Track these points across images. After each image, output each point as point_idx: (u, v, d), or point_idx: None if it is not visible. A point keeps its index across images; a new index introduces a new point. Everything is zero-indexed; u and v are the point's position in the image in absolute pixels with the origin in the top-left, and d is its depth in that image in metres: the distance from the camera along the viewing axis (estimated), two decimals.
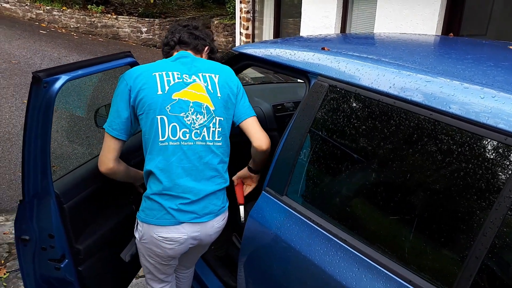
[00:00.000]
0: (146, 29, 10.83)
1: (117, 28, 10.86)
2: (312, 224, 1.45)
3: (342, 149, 1.49)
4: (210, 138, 1.66)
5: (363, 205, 1.43)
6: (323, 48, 1.69)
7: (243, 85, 1.85)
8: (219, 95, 1.69)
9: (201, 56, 1.83)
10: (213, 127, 1.67)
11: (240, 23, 8.91)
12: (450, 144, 1.15)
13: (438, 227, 1.16)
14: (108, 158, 1.66)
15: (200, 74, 1.69)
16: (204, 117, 1.65)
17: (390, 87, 1.32)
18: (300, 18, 6.67)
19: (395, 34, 2.29)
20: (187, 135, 1.62)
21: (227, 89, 1.72)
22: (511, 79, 1.23)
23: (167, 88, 1.62)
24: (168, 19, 11.28)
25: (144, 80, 1.61)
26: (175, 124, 1.61)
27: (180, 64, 1.70)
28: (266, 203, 1.64)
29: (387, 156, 1.34)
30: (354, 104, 1.45)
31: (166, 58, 1.80)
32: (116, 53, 1.68)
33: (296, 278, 1.46)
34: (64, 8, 11.09)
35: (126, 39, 10.86)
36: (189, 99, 1.63)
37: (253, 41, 8.74)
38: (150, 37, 10.87)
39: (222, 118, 1.70)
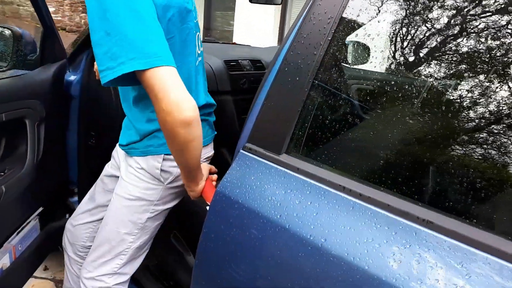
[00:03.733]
0: (54, 9, 9.44)
1: (17, 5, 9.35)
2: (341, 193, 0.78)
3: (386, 72, 0.86)
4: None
5: (419, 158, 0.80)
6: None
7: None
8: None
9: None
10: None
11: None
12: None
13: None
14: (188, 93, 0.90)
15: None
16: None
17: None
18: None
19: None
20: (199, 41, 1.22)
21: None
22: None
23: None
24: (82, 0, 10.00)
25: None
26: (197, 32, 1.18)
27: None
28: (249, 168, 0.94)
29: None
30: None
31: None
32: None
33: (313, 276, 0.78)
34: None
35: (29, 19, 9.36)
36: None
37: None
38: (59, 18, 9.48)
39: None
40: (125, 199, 1.17)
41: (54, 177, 1.58)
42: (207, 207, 1.08)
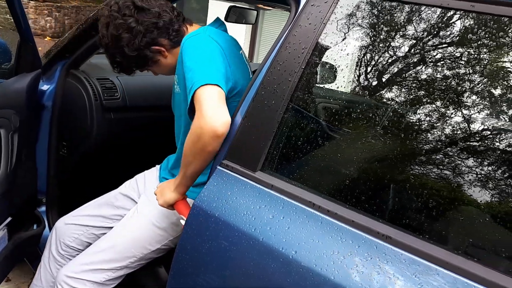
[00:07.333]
0: None
1: None
2: (311, 209, 0.86)
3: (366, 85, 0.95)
4: None
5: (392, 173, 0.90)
6: None
7: None
8: None
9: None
10: None
11: None
12: None
13: None
14: (225, 110, 1.02)
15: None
16: None
17: None
18: None
19: None
20: None
21: None
22: None
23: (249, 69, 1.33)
24: (47, 3, 9.73)
25: (237, 59, 1.25)
26: None
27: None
28: (226, 184, 1.00)
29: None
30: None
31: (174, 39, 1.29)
32: None
33: (284, 286, 0.85)
34: None
35: None
36: None
37: None
38: None
39: None
40: (153, 224, 1.26)
41: (24, 187, 1.57)
42: (181, 221, 1.13)
